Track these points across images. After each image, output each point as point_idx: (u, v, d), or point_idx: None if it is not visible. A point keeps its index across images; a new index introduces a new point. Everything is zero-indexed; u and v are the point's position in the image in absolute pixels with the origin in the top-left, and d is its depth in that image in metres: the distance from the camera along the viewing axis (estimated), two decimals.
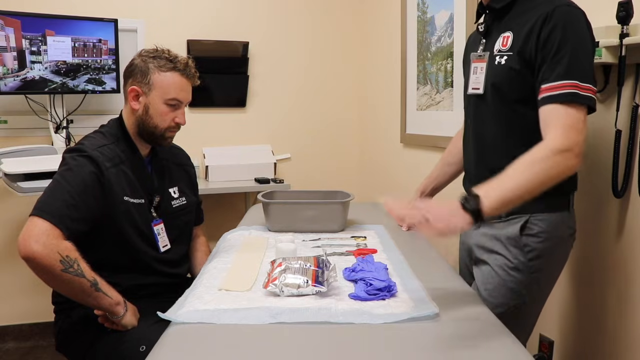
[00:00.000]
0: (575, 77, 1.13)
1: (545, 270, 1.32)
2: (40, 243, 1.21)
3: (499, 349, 0.94)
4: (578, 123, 1.12)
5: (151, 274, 1.53)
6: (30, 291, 2.73)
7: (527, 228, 1.28)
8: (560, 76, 1.14)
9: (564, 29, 1.15)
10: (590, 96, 1.14)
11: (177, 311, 1.07)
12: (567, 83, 1.13)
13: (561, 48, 1.15)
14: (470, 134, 1.40)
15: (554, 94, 1.14)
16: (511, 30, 1.26)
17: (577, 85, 1.13)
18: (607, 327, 1.51)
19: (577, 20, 1.17)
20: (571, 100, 1.13)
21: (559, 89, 1.14)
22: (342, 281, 1.24)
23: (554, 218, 1.29)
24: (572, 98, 1.13)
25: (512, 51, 1.24)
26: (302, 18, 3.16)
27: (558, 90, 1.14)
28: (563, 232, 1.31)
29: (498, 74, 1.27)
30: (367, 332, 0.98)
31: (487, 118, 1.32)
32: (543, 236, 1.28)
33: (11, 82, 2.41)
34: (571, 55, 1.14)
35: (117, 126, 1.53)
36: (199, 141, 2.98)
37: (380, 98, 3.04)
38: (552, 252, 1.31)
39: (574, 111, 1.12)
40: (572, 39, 1.15)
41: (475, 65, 1.35)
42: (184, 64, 1.50)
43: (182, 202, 1.65)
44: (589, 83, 1.14)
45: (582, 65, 1.15)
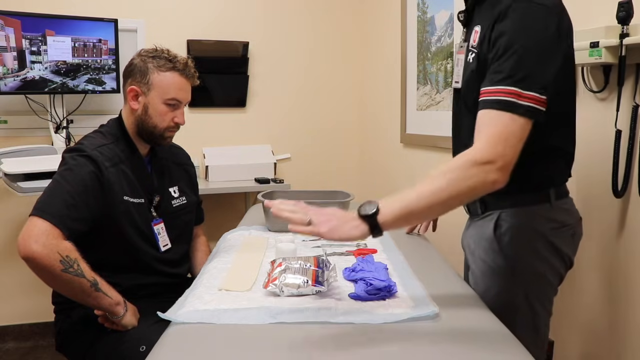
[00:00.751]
0: (517, 83, 1.00)
1: (529, 269, 1.21)
2: (40, 243, 1.21)
3: (499, 349, 0.94)
4: (509, 134, 0.99)
5: (151, 274, 1.53)
6: (30, 291, 2.73)
7: (499, 225, 1.22)
8: (500, 81, 1.02)
9: (515, 27, 1.03)
10: (531, 106, 1.00)
11: (177, 311, 1.07)
12: (505, 89, 1.01)
13: (508, 49, 1.02)
14: (452, 126, 1.35)
15: (488, 99, 1.02)
16: (481, 24, 1.14)
17: (517, 93, 1.00)
18: (607, 327, 1.51)
19: (533, 17, 1.03)
20: (507, 111, 1.00)
21: (496, 94, 1.01)
22: (342, 281, 1.24)
23: (527, 212, 1.20)
24: (505, 107, 1.00)
25: (477, 49, 1.14)
26: (302, 18, 3.16)
27: (494, 96, 1.02)
28: (542, 226, 1.20)
29: (467, 72, 1.19)
30: (367, 332, 0.98)
31: (463, 113, 1.25)
32: (513, 232, 1.20)
33: (11, 82, 2.41)
34: (518, 58, 1.01)
35: (117, 126, 1.53)
36: (199, 141, 2.98)
37: (380, 98, 3.04)
38: (530, 248, 1.20)
39: (508, 120, 0.99)
40: (522, 40, 1.02)
41: (458, 57, 1.26)
42: (184, 63, 1.50)
43: (182, 201, 1.65)
44: (534, 91, 1.00)
45: (529, 71, 1.01)
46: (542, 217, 1.20)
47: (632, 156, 1.38)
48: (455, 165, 0.99)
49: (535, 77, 1.01)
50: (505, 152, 0.98)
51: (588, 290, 1.57)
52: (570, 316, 1.64)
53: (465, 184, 0.97)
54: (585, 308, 1.59)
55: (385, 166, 3.02)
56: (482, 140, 1.00)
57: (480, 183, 0.97)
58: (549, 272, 1.22)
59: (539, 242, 1.20)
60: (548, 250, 1.21)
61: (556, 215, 1.22)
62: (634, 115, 1.37)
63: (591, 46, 1.38)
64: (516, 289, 1.21)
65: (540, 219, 1.20)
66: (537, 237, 1.20)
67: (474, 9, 1.22)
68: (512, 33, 1.03)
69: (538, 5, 1.04)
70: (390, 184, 2.94)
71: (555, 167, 1.22)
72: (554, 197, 1.21)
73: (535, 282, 1.22)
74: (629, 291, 1.44)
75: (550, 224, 1.21)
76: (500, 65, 1.03)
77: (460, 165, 0.98)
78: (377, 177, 3.15)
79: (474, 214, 1.30)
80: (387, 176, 3.00)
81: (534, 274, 1.22)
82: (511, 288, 1.22)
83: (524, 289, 1.21)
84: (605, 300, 1.52)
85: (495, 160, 0.97)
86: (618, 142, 1.40)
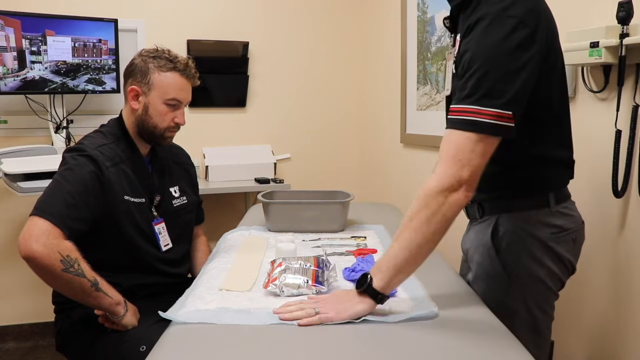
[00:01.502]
0: (479, 101, 0.99)
1: (527, 274, 1.19)
2: (40, 243, 1.21)
3: (498, 349, 0.94)
4: (465, 154, 0.99)
5: (152, 274, 1.53)
6: (30, 291, 2.73)
7: (497, 230, 1.21)
8: (462, 99, 1.02)
9: (477, 44, 1.02)
10: (494, 123, 0.99)
11: (178, 311, 1.07)
12: (466, 108, 1.00)
13: (471, 67, 1.02)
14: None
15: (452, 118, 1.03)
16: (460, 33, 1.13)
17: (477, 111, 0.99)
18: (607, 327, 1.51)
19: (494, 33, 1.00)
20: (467, 129, 1.00)
21: (458, 113, 1.02)
22: (342, 281, 1.24)
23: (525, 217, 1.19)
24: (467, 126, 1.00)
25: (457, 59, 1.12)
26: (302, 18, 3.16)
27: (457, 115, 1.02)
28: (540, 231, 1.18)
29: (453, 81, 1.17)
30: (367, 331, 0.98)
31: None
32: (510, 237, 1.20)
33: (11, 82, 2.41)
34: (479, 76, 1.00)
35: (117, 126, 1.53)
36: (199, 141, 2.98)
37: (380, 98, 3.04)
38: (527, 253, 1.19)
39: (463, 139, 1.00)
40: (482, 57, 1.00)
41: (448, 64, 1.25)
42: (184, 64, 1.50)
43: (183, 201, 1.65)
44: (497, 108, 0.99)
45: (491, 88, 0.99)
46: (540, 222, 1.19)
47: (632, 156, 1.38)
48: (420, 204, 1.00)
49: (496, 94, 1.00)
50: (460, 174, 0.99)
51: (588, 291, 1.57)
52: (569, 316, 1.64)
53: (437, 217, 0.99)
54: (585, 308, 1.59)
55: (385, 166, 3.02)
56: (440, 166, 1.02)
57: (448, 209, 0.99)
58: (548, 277, 1.21)
59: (537, 248, 1.19)
60: (547, 256, 1.19)
61: (556, 220, 1.20)
62: (634, 115, 1.37)
63: (591, 46, 1.38)
64: (514, 293, 1.21)
65: (539, 224, 1.19)
66: (536, 242, 1.19)
67: (458, 14, 1.19)
68: (474, 50, 1.02)
69: (508, 17, 1.01)
70: (390, 184, 2.94)
71: (552, 171, 1.20)
72: (553, 201, 1.19)
73: (534, 287, 1.21)
74: (629, 291, 1.44)
75: (549, 229, 1.19)
76: (464, 82, 1.03)
77: (425, 202, 1.00)
78: (377, 177, 3.15)
79: (473, 218, 1.30)
80: (387, 176, 3.00)
81: (532, 279, 1.20)
82: (509, 293, 1.21)
83: (521, 294, 1.20)
84: (605, 301, 1.52)
85: (451, 184, 0.99)
86: (618, 142, 1.40)
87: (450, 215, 1.00)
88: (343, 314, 1.01)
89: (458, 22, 1.20)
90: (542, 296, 1.22)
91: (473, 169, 1.00)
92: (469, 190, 1.00)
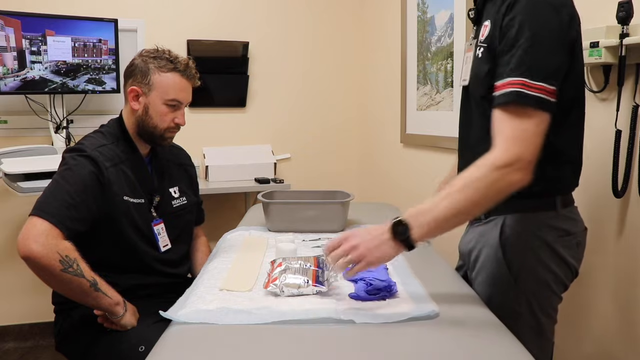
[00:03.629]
0: (524, 73, 1.01)
1: (533, 277, 1.19)
2: (39, 243, 1.21)
3: (499, 349, 0.94)
4: (525, 133, 1.01)
5: (151, 274, 1.53)
6: (30, 291, 2.73)
7: (504, 232, 1.20)
8: (508, 73, 1.04)
9: (523, 19, 1.04)
10: (539, 97, 1.01)
11: (179, 311, 1.07)
12: (513, 80, 1.02)
13: (516, 41, 1.04)
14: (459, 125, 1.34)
15: (499, 94, 1.05)
16: (490, 19, 1.15)
17: (524, 83, 1.01)
18: (607, 327, 1.51)
19: (540, 8, 1.04)
20: (515, 102, 1.02)
21: (505, 87, 1.03)
22: (342, 281, 1.24)
23: (532, 219, 1.19)
24: (514, 98, 1.02)
25: (486, 43, 1.14)
26: (302, 18, 3.16)
27: (503, 89, 1.04)
28: (547, 234, 1.18)
29: (476, 66, 1.19)
30: (368, 331, 0.98)
31: (472, 110, 1.24)
32: (518, 239, 1.19)
33: (11, 82, 2.41)
34: (525, 49, 1.02)
35: (117, 126, 1.53)
36: (199, 141, 2.98)
37: (380, 98, 3.04)
38: (534, 256, 1.18)
39: (520, 117, 1.02)
40: (530, 31, 1.03)
41: (467, 55, 1.26)
42: (185, 64, 1.50)
43: (183, 201, 1.65)
44: (542, 81, 1.01)
45: (537, 61, 1.02)
46: (547, 225, 1.19)
47: (632, 156, 1.38)
48: (476, 175, 1.02)
49: (542, 67, 1.02)
50: (521, 151, 1.01)
51: (587, 291, 1.57)
52: (569, 317, 1.64)
53: (492, 190, 1.01)
54: (585, 308, 1.59)
55: (385, 166, 3.02)
56: (498, 144, 1.03)
57: (504, 186, 1.01)
58: (553, 281, 1.21)
59: (544, 250, 1.19)
60: (552, 259, 1.19)
61: (562, 223, 1.20)
62: (634, 115, 1.37)
63: (591, 46, 1.38)
64: (519, 296, 1.20)
65: (546, 227, 1.19)
66: (542, 245, 1.18)
67: (484, 6, 1.22)
68: (521, 24, 1.04)
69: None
70: (390, 184, 2.94)
71: (561, 174, 1.20)
72: (560, 204, 1.19)
73: (539, 290, 1.21)
74: (630, 291, 1.44)
75: (555, 232, 1.19)
76: (510, 57, 1.04)
77: (482, 175, 1.01)
78: (377, 177, 3.15)
79: (476, 218, 1.28)
80: (387, 176, 3.00)
81: (538, 283, 1.20)
82: (514, 296, 1.20)
83: (527, 297, 1.20)
84: (605, 301, 1.52)
85: (513, 162, 1.00)
86: (618, 142, 1.40)
87: (506, 191, 1.02)
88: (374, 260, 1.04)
89: (482, 13, 1.21)
90: (546, 300, 1.22)
91: (533, 147, 1.02)
92: (528, 173, 1.02)
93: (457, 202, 1.01)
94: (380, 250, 1.04)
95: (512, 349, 0.94)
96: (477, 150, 1.11)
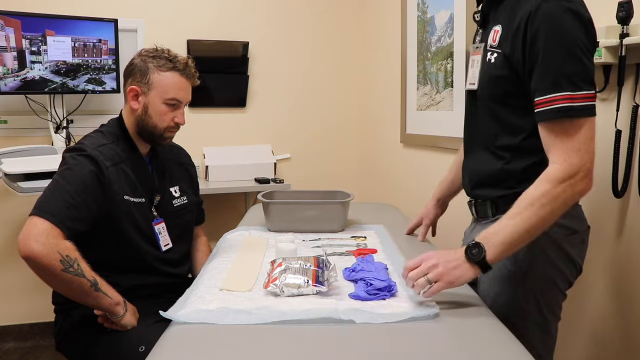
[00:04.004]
0: (566, 87, 1.04)
1: (540, 274, 1.21)
2: (40, 243, 1.21)
3: (499, 349, 0.94)
4: (581, 143, 1.05)
5: (152, 274, 1.53)
6: (30, 291, 2.73)
7: None
8: (549, 89, 1.06)
9: (548, 31, 1.06)
10: (587, 105, 1.05)
11: (179, 311, 1.07)
12: (558, 96, 1.05)
13: (547, 54, 1.06)
14: (465, 127, 1.37)
15: (545, 110, 1.07)
16: (501, 24, 1.17)
17: (569, 97, 1.04)
18: (607, 327, 1.51)
19: (563, 18, 1.05)
20: (566, 116, 1.05)
21: (551, 103, 1.06)
22: (342, 281, 1.24)
23: None
24: (566, 113, 1.04)
25: (500, 49, 1.16)
26: (302, 18, 3.16)
27: (550, 105, 1.06)
28: (554, 232, 1.18)
29: (487, 72, 1.21)
30: (368, 331, 0.98)
31: (480, 114, 1.26)
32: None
33: (11, 82, 2.41)
34: (559, 63, 1.05)
35: (117, 126, 1.53)
36: (199, 141, 2.98)
37: (380, 98, 3.04)
38: (542, 254, 1.20)
39: (573, 129, 1.05)
40: (557, 43, 1.05)
41: (473, 58, 1.28)
42: (184, 63, 1.50)
43: (183, 201, 1.65)
44: (583, 90, 1.04)
45: (573, 71, 1.05)
46: (555, 224, 1.17)
47: (632, 156, 1.38)
48: (541, 193, 1.05)
49: (580, 76, 1.05)
50: (583, 161, 1.05)
51: (588, 291, 1.57)
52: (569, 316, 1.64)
53: (556, 203, 1.05)
54: (585, 308, 1.59)
55: (385, 166, 3.02)
56: (558, 157, 1.06)
57: (570, 197, 1.06)
58: (559, 278, 1.23)
59: (551, 248, 1.20)
60: (559, 257, 1.21)
61: (568, 221, 1.21)
62: (634, 115, 1.37)
63: None
64: (527, 295, 1.21)
65: (553, 225, 1.17)
66: (550, 243, 1.20)
67: (490, 9, 1.24)
68: (547, 37, 1.06)
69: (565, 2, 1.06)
70: (390, 184, 2.94)
71: None
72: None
73: (546, 288, 1.23)
74: (629, 291, 1.44)
75: (562, 230, 1.20)
76: (545, 70, 1.07)
77: (547, 191, 1.05)
78: (377, 177, 3.15)
79: (483, 216, 1.29)
80: (387, 176, 3.00)
81: (545, 280, 1.22)
82: (522, 294, 1.21)
83: (534, 295, 1.21)
84: (605, 301, 1.52)
85: (576, 173, 1.05)
86: (618, 142, 1.40)
87: (571, 203, 1.07)
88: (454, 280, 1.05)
89: (489, 16, 1.24)
90: (553, 297, 1.24)
91: (590, 154, 1.06)
92: (590, 180, 1.07)
93: (526, 220, 1.05)
94: (459, 271, 1.06)
95: (512, 349, 0.94)
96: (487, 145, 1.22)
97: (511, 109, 1.18)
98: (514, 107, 1.17)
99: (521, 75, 1.13)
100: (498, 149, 1.22)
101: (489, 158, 1.24)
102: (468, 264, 1.06)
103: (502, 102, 1.19)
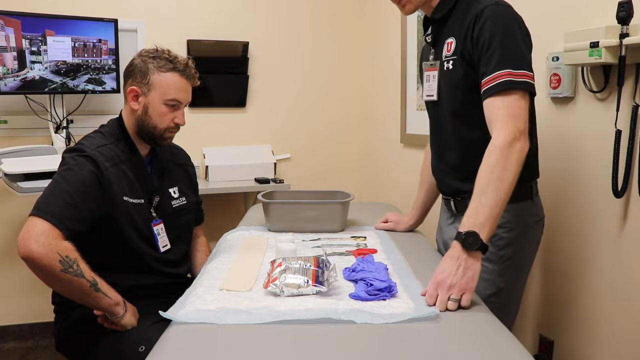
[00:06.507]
0: (508, 65, 1.21)
1: (516, 257, 1.38)
2: (39, 243, 1.21)
3: (498, 349, 0.94)
4: (516, 110, 1.19)
5: (151, 274, 1.53)
6: (30, 291, 2.73)
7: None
8: (493, 68, 1.22)
9: (492, 24, 1.24)
10: (525, 81, 1.21)
11: (179, 311, 1.07)
12: (500, 73, 1.21)
13: (492, 42, 1.23)
14: (432, 134, 1.53)
15: (490, 86, 1.22)
16: (453, 36, 1.34)
17: (510, 73, 1.20)
18: (606, 327, 1.51)
19: (503, 14, 1.25)
20: (507, 88, 1.20)
21: (494, 79, 1.21)
22: (343, 281, 1.24)
23: (518, 208, 1.34)
24: (508, 86, 1.20)
25: (455, 54, 1.33)
26: (302, 18, 3.16)
27: (493, 82, 1.21)
28: (528, 220, 1.39)
29: (448, 78, 1.36)
30: (368, 332, 0.98)
31: (443, 119, 1.42)
32: (509, 226, 1.35)
33: (11, 82, 2.41)
34: (501, 46, 1.22)
35: (117, 126, 1.53)
36: (199, 141, 2.98)
37: (380, 98, 3.04)
38: (520, 239, 1.37)
39: (511, 99, 1.20)
40: (499, 32, 1.23)
41: (428, 74, 1.46)
42: (184, 64, 1.50)
43: (182, 202, 1.65)
44: (522, 69, 1.21)
45: (513, 54, 1.22)
46: (527, 211, 1.39)
47: (632, 156, 1.38)
48: (496, 158, 1.15)
49: (519, 59, 1.23)
50: (518, 126, 1.18)
51: (588, 291, 1.57)
52: (569, 316, 1.64)
53: (512, 166, 1.15)
54: (585, 308, 1.59)
55: (385, 166, 3.02)
56: (499, 125, 1.19)
57: (519, 157, 1.16)
58: (530, 261, 1.45)
59: (526, 235, 1.39)
60: (532, 242, 1.43)
61: (536, 209, 1.43)
62: (634, 115, 1.37)
63: (591, 46, 1.38)
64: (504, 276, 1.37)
65: (527, 213, 1.39)
66: (526, 230, 1.39)
67: (438, 30, 1.41)
68: (492, 28, 1.24)
69: (504, 6, 1.27)
70: (390, 184, 2.94)
71: (533, 160, 1.38)
72: (534, 192, 1.41)
73: (519, 270, 1.42)
74: (629, 291, 1.44)
75: (534, 218, 1.41)
76: (490, 56, 1.23)
77: (497, 158, 1.15)
78: (377, 177, 3.15)
79: (462, 211, 1.31)
80: (387, 176, 3.00)
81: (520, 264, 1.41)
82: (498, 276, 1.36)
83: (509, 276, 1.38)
84: (605, 301, 1.52)
85: (516, 136, 1.17)
86: (618, 142, 1.40)
87: (520, 161, 1.17)
88: (473, 284, 1.09)
89: (439, 35, 1.41)
90: (524, 277, 1.46)
91: (524, 120, 1.20)
92: (527, 140, 1.19)
93: (496, 189, 1.13)
94: (470, 270, 1.09)
95: (512, 349, 0.94)
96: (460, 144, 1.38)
97: (475, 108, 1.29)
98: (478, 105, 1.27)
99: (475, 68, 1.28)
100: (470, 145, 1.34)
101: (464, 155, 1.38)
102: (471, 258, 1.10)
103: (466, 102, 1.33)
